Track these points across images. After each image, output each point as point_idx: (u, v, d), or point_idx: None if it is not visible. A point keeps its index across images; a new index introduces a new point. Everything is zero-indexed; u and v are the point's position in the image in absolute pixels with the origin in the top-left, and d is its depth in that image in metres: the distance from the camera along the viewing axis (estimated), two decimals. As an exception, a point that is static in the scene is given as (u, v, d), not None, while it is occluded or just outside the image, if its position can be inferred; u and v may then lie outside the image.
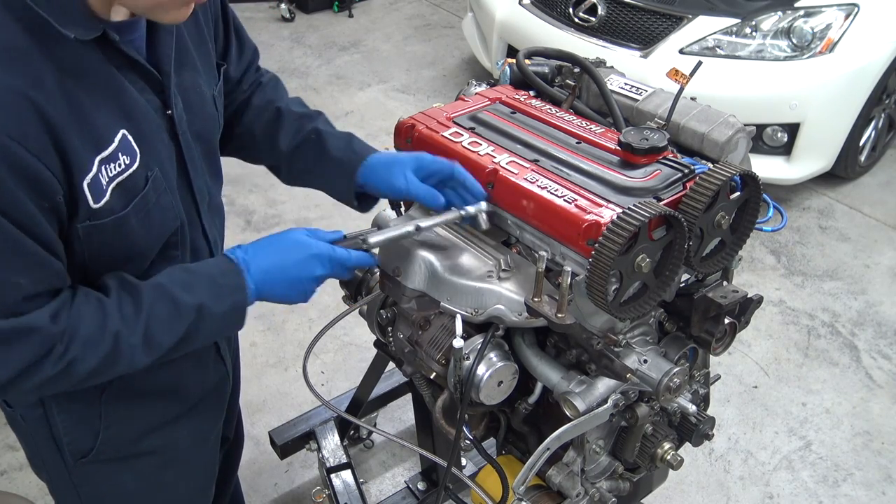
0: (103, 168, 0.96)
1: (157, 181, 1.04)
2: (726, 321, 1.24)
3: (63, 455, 1.23)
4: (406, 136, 1.33)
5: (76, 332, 0.96)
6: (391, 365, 1.98)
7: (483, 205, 1.20)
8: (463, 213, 1.20)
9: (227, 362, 1.37)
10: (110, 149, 0.97)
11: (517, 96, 1.42)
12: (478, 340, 1.19)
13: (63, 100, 0.90)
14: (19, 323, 0.91)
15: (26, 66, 0.88)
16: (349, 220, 3.38)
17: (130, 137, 1.00)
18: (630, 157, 1.20)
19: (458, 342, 1.14)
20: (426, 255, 1.21)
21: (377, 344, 1.60)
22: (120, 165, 0.98)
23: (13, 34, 0.87)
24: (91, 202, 0.95)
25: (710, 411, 1.41)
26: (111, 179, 0.97)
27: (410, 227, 1.18)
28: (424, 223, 1.18)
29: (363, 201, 1.32)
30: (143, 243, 1.06)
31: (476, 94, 1.44)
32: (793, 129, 3.22)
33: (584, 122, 1.33)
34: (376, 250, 1.19)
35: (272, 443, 2.18)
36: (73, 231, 0.96)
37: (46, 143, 0.88)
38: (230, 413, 1.55)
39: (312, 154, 1.33)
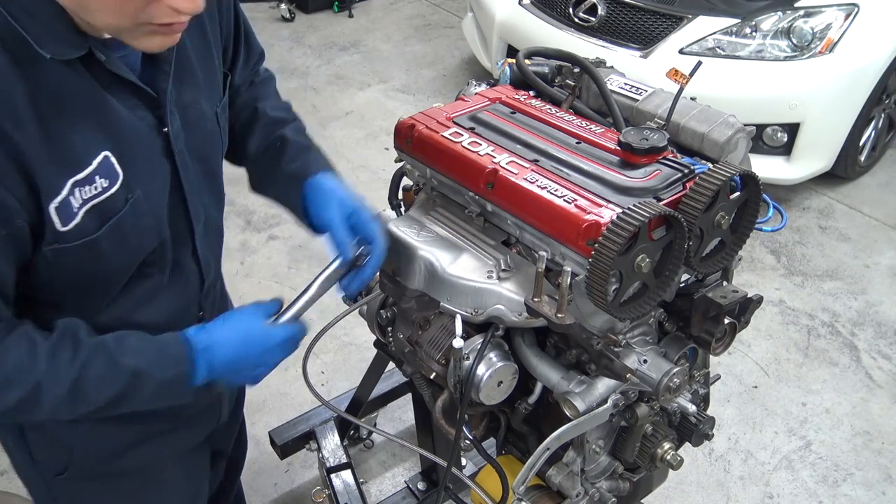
0: (76, 191, 0.92)
1: (137, 203, 1.00)
2: (726, 321, 1.24)
3: (40, 470, 1.21)
4: (406, 136, 1.33)
5: None
6: (391, 365, 1.98)
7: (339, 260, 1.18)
8: (342, 260, 1.17)
9: None
10: (86, 171, 0.93)
11: (517, 96, 1.42)
12: (478, 340, 1.19)
13: (33, 121, 0.87)
14: None
15: None
16: (349, 220, 3.39)
17: (114, 159, 0.96)
18: (630, 157, 1.20)
19: (457, 342, 1.14)
20: (426, 254, 1.21)
21: (377, 344, 1.60)
22: (97, 188, 0.94)
23: None
24: (58, 226, 0.92)
25: (709, 411, 1.41)
26: (85, 202, 0.94)
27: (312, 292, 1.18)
28: (315, 287, 1.17)
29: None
30: (116, 264, 1.03)
31: (476, 94, 1.44)
32: (793, 129, 3.22)
33: (583, 122, 1.33)
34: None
35: (272, 443, 2.18)
36: (39, 254, 0.94)
37: (8, 166, 0.86)
38: (229, 429, 1.51)
39: (270, 162, 1.28)
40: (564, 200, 1.11)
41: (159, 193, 1.05)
